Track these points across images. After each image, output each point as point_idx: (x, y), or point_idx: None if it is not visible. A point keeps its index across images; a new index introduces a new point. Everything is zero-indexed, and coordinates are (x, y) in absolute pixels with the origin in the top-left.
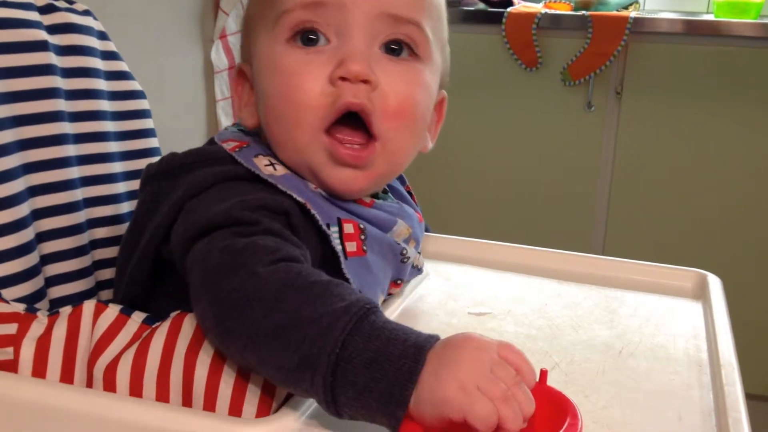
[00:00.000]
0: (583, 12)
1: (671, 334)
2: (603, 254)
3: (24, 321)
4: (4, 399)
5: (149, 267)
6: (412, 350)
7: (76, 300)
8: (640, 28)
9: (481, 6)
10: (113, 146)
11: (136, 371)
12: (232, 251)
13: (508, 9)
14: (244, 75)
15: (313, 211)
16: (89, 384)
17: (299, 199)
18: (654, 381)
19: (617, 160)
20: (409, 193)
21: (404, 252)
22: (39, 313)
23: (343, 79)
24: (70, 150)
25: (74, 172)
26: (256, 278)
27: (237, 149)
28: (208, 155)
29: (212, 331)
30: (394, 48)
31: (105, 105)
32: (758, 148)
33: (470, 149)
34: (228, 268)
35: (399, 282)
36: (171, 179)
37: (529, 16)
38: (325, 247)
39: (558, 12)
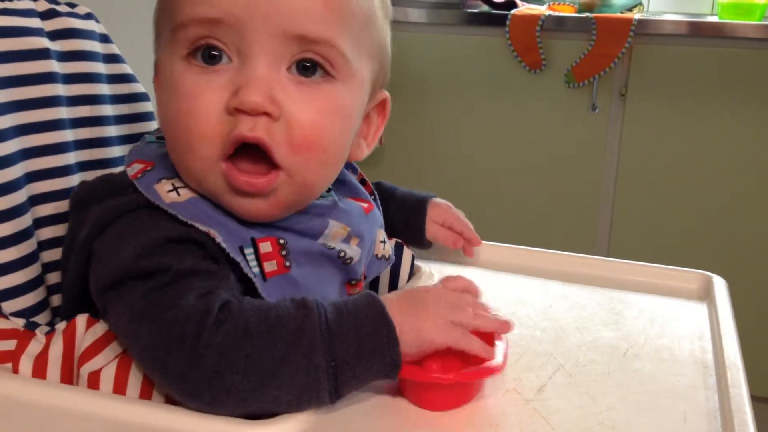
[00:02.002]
0: (587, 14)
1: (676, 335)
2: (608, 256)
3: (22, 338)
4: (4, 399)
5: (80, 302)
6: (378, 319)
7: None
8: (645, 29)
9: (485, 8)
10: (116, 151)
11: (120, 379)
12: (161, 325)
13: (512, 11)
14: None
15: (218, 240)
16: (77, 381)
17: (202, 228)
18: (659, 382)
19: (622, 162)
20: (363, 181)
21: (342, 254)
22: (37, 330)
23: (239, 110)
24: (72, 158)
25: (76, 180)
26: (208, 348)
27: (140, 174)
28: (113, 184)
29: (191, 405)
30: (307, 66)
31: (108, 110)
32: (763, 149)
33: (474, 151)
34: (167, 345)
35: (354, 282)
36: (83, 211)
37: (533, 18)
38: (240, 271)
39: (562, 14)
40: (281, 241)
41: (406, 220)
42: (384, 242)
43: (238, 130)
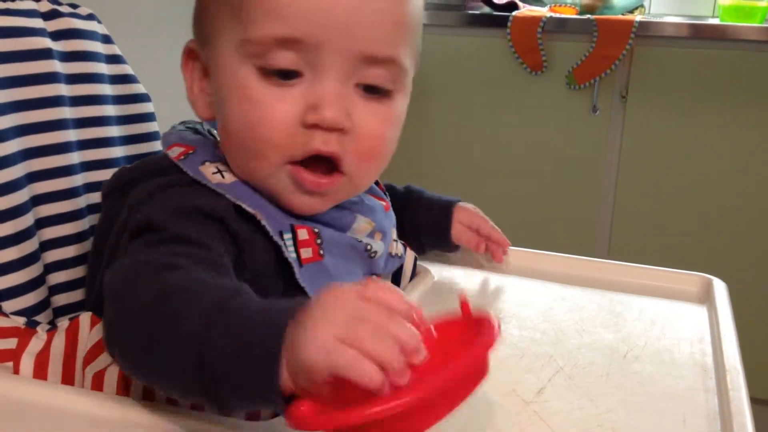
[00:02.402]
0: (588, 16)
1: (676, 338)
2: (608, 258)
3: (24, 336)
4: (4, 399)
5: None
6: (271, 331)
7: (80, 308)
8: (646, 31)
9: (486, 10)
10: (118, 151)
11: (124, 378)
12: (123, 270)
13: (513, 13)
14: (195, 55)
15: (263, 222)
16: (82, 381)
17: (249, 210)
18: (659, 385)
19: (622, 164)
20: (376, 182)
21: (369, 248)
22: (38, 327)
23: (315, 125)
24: (75, 158)
25: (78, 180)
26: (126, 294)
27: (182, 157)
28: (154, 166)
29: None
30: (372, 88)
31: (110, 110)
32: (764, 151)
33: (475, 153)
34: (119, 284)
35: (375, 277)
36: (121, 196)
37: (534, 20)
38: (278, 256)
39: (563, 16)
40: (316, 230)
41: (433, 222)
42: (396, 241)
43: (315, 145)
